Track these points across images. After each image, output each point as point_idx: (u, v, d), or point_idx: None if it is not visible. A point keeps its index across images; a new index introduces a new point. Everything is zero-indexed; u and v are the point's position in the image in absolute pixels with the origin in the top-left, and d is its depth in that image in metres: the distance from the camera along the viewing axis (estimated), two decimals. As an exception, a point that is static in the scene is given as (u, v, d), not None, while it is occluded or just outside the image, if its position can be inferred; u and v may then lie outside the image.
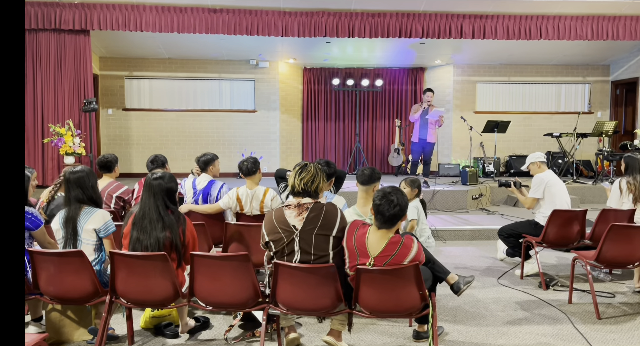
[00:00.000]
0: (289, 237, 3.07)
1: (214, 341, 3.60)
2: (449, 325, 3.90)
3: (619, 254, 4.12)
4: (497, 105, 11.18)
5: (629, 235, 4.07)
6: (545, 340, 3.64)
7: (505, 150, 10.81)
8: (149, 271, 3.11)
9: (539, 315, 4.11)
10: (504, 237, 5.28)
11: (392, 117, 11.41)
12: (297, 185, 3.13)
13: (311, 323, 3.89)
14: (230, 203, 4.65)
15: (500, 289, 4.76)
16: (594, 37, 8.60)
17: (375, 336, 3.70)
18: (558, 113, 11.14)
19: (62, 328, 3.51)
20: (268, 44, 9.49)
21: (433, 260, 3.48)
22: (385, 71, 11.34)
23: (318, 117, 11.32)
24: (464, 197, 8.17)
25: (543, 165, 5.19)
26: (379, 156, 11.49)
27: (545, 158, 5.29)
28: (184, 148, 10.51)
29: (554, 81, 11.13)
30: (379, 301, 3.01)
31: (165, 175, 3.40)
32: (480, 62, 10.87)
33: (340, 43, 9.50)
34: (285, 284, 3.05)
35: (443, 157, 11.12)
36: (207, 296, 3.18)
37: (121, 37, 8.98)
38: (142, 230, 3.24)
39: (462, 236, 6.77)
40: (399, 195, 3.00)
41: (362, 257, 2.99)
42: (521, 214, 7.37)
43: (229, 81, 10.80)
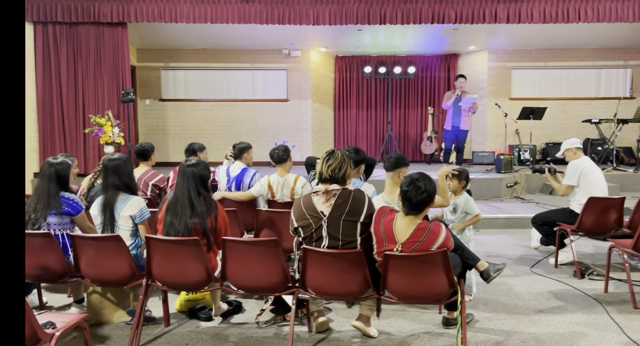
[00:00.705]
0: (317, 223, 3.12)
1: (245, 324, 3.69)
2: (479, 313, 3.88)
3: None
4: (533, 91, 10.91)
5: (668, 223, 3.96)
6: (579, 329, 3.59)
7: (542, 137, 10.56)
8: (183, 255, 3.22)
9: (573, 304, 4.05)
10: (537, 225, 5.20)
11: (424, 105, 11.28)
12: (324, 172, 3.17)
13: (340, 309, 3.94)
14: (262, 190, 4.74)
15: (534, 278, 4.70)
16: (636, 19, 8.26)
17: (404, 322, 3.72)
18: (597, 99, 10.79)
19: (102, 310, 3.67)
20: (300, 33, 9.51)
21: (463, 247, 3.46)
22: (418, 58, 11.21)
23: (350, 106, 11.31)
24: (499, 185, 8.04)
25: (579, 152, 5.06)
26: (411, 144, 11.40)
27: (581, 144, 5.15)
28: (219, 137, 10.69)
29: (594, 65, 10.76)
30: (407, 287, 3.03)
31: (200, 163, 3.49)
32: (516, 47, 10.60)
33: (372, 30, 9.43)
34: (314, 269, 3.11)
35: (477, 145, 10.95)
36: (238, 280, 3.27)
37: (157, 28, 9.16)
38: (174, 215, 3.34)
39: (495, 224, 6.69)
40: (426, 181, 3.00)
41: (389, 242, 3.02)
42: (557, 202, 7.21)
43: (262, 71, 10.89)
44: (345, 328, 3.61)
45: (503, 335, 3.51)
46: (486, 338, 3.45)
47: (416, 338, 3.47)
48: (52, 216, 3.52)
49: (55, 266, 3.41)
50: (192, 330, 3.60)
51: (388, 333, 3.54)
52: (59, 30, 8.31)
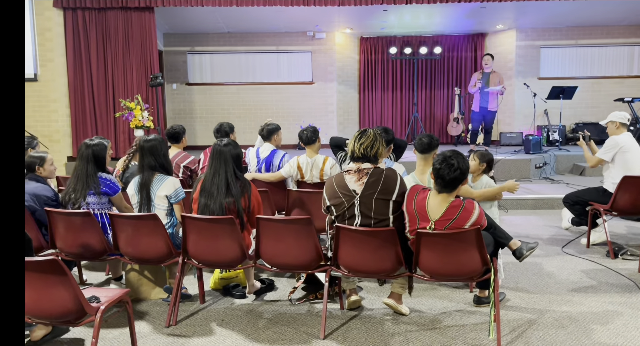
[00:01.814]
0: (350, 201, 3.15)
1: (278, 302, 3.77)
2: (511, 292, 3.89)
3: (694, 222, 3.94)
4: (562, 70, 10.66)
5: None
6: (613, 308, 3.57)
7: (572, 117, 10.35)
8: (218, 234, 3.29)
9: (606, 284, 4.02)
10: (569, 205, 5.13)
11: (451, 86, 11.14)
12: (356, 150, 3.19)
13: (371, 287, 3.99)
14: (292, 171, 4.78)
15: (565, 257, 4.67)
16: (673, -7, 7.99)
17: (435, 300, 3.75)
18: (630, 77, 10.50)
19: (140, 287, 3.78)
20: (324, 14, 9.45)
21: (495, 225, 3.45)
22: (444, 38, 11.04)
23: (375, 87, 11.24)
24: (527, 166, 7.94)
25: (623, 127, 4.84)
26: (437, 126, 11.30)
27: (629, 120, 4.87)
28: (245, 120, 10.76)
29: (627, 43, 10.46)
30: (439, 264, 3.05)
31: (233, 142, 3.54)
32: (545, 25, 10.35)
33: (398, 10, 9.30)
34: (346, 247, 3.15)
35: (505, 126, 10.79)
36: (272, 258, 3.34)
37: (183, 12, 9.21)
38: (209, 196, 3.41)
39: (524, 205, 6.63)
40: (459, 158, 2.99)
41: (422, 221, 3.03)
42: (587, 183, 7.08)
43: (287, 53, 10.88)
44: (376, 305, 3.66)
45: (535, 313, 3.51)
46: (518, 316, 3.46)
47: (447, 315, 3.50)
48: (90, 196, 3.63)
49: (95, 245, 3.52)
50: (227, 307, 3.69)
51: (419, 311, 3.57)
52: (88, 16, 8.43)
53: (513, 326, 3.31)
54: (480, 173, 4.08)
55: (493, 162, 4.14)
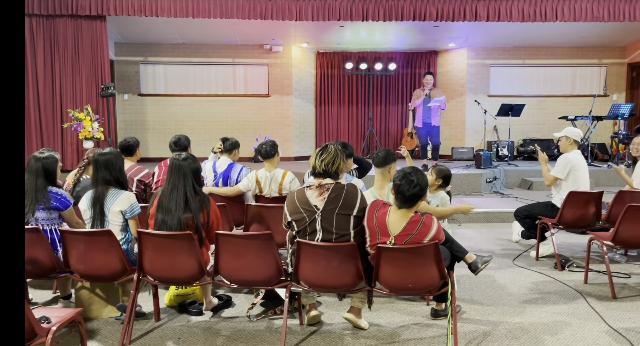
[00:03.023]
0: (311, 216, 3.15)
1: (236, 318, 3.71)
2: (466, 304, 3.97)
3: (635, 235, 4.15)
4: (511, 88, 11.12)
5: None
6: (561, 318, 3.70)
7: (519, 133, 10.77)
8: (175, 250, 3.21)
9: (554, 295, 4.18)
10: (520, 218, 5.32)
11: (405, 101, 11.39)
12: (318, 166, 3.21)
13: (331, 302, 3.99)
14: (250, 185, 4.75)
15: (516, 270, 4.82)
16: (610, 18, 8.50)
17: (393, 314, 3.79)
18: (573, 96, 11.06)
19: (91, 305, 3.64)
20: (281, 28, 9.50)
21: (451, 239, 3.54)
22: (399, 55, 11.30)
23: (331, 102, 11.35)
24: (478, 180, 8.19)
25: (574, 144, 5.04)
26: (392, 140, 11.51)
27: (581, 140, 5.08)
28: (199, 133, 10.61)
29: (569, 64, 11.02)
30: (399, 279, 3.09)
31: (192, 157, 3.48)
32: (495, 44, 10.78)
33: (354, 27, 9.48)
34: (307, 262, 3.14)
35: (456, 141, 11.11)
36: (231, 275, 3.28)
37: (136, 22, 9.04)
38: (167, 212, 3.33)
39: (476, 219, 6.82)
40: (419, 175, 3.05)
41: (382, 235, 3.07)
42: (535, 197, 7.38)
43: (243, 66, 10.84)
44: (336, 320, 3.66)
45: (490, 325, 3.60)
46: (474, 328, 3.54)
47: (406, 329, 3.54)
48: (40, 211, 3.47)
49: (44, 262, 3.36)
50: (183, 324, 3.60)
51: (378, 325, 3.59)
52: (36, 23, 8.14)
53: (469, 338, 3.38)
54: (436, 188, 4.18)
55: (450, 178, 4.25)
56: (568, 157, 5.00)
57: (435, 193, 4.21)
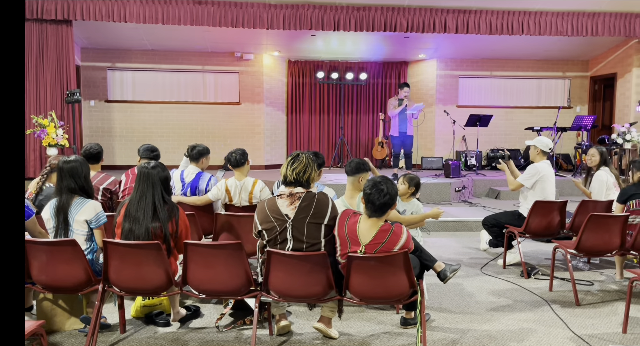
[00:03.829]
0: (282, 225, 3.13)
1: (205, 329, 3.64)
2: (435, 312, 4.00)
3: (597, 243, 4.27)
4: (479, 99, 11.35)
5: (607, 225, 4.22)
6: (527, 326, 3.77)
7: (487, 143, 10.99)
8: (143, 260, 3.14)
9: (521, 302, 4.25)
10: (488, 227, 5.41)
11: (376, 111, 11.50)
12: (289, 175, 3.19)
13: (301, 312, 3.96)
14: (219, 194, 4.69)
15: (484, 278, 4.89)
16: (574, 33, 8.79)
17: (363, 323, 3.78)
18: (538, 108, 11.36)
19: (54, 317, 3.52)
20: (253, 36, 9.50)
21: (421, 248, 3.57)
22: (370, 64, 11.42)
23: (302, 110, 11.37)
24: (447, 190, 8.31)
25: (544, 155, 5.13)
26: (362, 149, 11.59)
27: (550, 150, 5.18)
28: (168, 140, 10.47)
29: (535, 76, 11.34)
30: (369, 287, 3.09)
31: (159, 164, 3.42)
32: (463, 56, 11.01)
33: (325, 36, 9.54)
34: (277, 272, 3.12)
35: (426, 151, 11.26)
36: (200, 285, 3.23)
37: (104, 27, 8.89)
38: (134, 221, 3.26)
39: (445, 227, 6.90)
40: (389, 184, 3.07)
41: (353, 244, 3.07)
42: (502, 206, 7.53)
43: (213, 73, 10.78)
44: (306, 330, 3.64)
45: (458, 333, 3.64)
46: (443, 337, 3.56)
47: (376, 338, 3.54)
48: (0, 220, 3.35)
49: (3, 273, 3.24)
50: (150, 335, 3.52)
51: (348, 334, 3.58)
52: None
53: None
54: (409, 196, 4.22)
55: (420, 185, 4.30)
56: (537, 167, 5.09)
57: (408, 201, 4.25)
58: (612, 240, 4.27)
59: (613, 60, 10.57)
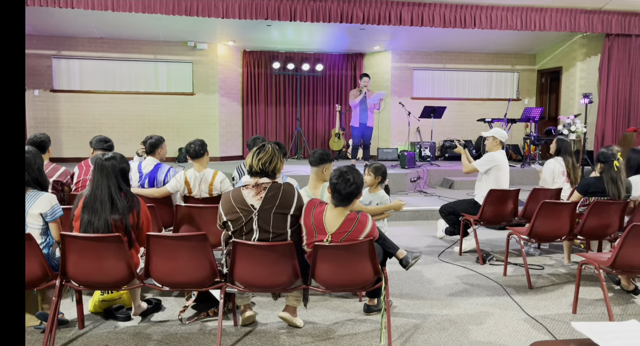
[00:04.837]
0: (247, 216, 3.11)
1: (167, 322, 3.58)
2: (396, 299, 4.09)
3: (548, 229, 4.46)
4: (433, 91, 11.59)
5: (557, 211, 4.42)
6: (484, 309, 3.91)
7: (441, 135, 11.24)
8: (103, 253, 3.05)
9: (477, 287, 4.40)
10: (444, 215, 5.55)
11: (332, 102, 11.54)
12: (255, 165, 3.17)
13: (265, 302, 3.96)
14: (178, 186, 4.60)
15: (442, 265, 5.03)
16: (523, 27, 9.09)
17: (327, 311, 3.82)
18: (489, 100, 11.71)
19: (6, 315, 3.37)
20: (207, 25, 9.31)
21: (384, 237, 3.62)
22: (326, 56, 11.43)
23: (258, 101, 11.27)
24: (403, 180, 8.45)
25: (500, 146, 5.34)
26: (319, 140, 11.62)
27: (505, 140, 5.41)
28: (119, 132, 10.15)
29: (486, 69, 11.67)
30: (335, 275, 3.12)
31: (117, 155, 3.32)
32: (417, 49, 11.19)
33: (281, 26, 9.47)
34: (243, 262, 3.10)
35: (382, 142, 11.41)
36: (163, 277, 3.17)
37: (49, 13, 8.49)
38: (92, 212, 3.16)
39: (402, 217, 7.03)
40: (355, 174, 3.10)
41: (319, 234, 3.08)
42: (456, 195, 7.72)
43: (166, 63, 10.52)
44: (271, 320, 3.64)
45: (420, 318, 3.73)
46: (405, 322, 3.65)
47: (340, 325, 3.58)
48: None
49: (-49, 270, 3.07)
50: (110, 330, 3.43)
51: (313, 323, 3.61)
52: None
53: (401, 332, 3.48)
54: (376, 186, 4.27)
55: (386, 173, 4.36)
56: (493, 155, 5.28)
57: (375, 192, 4.29)
58: (562, 226, 4.47)
59: (559, 54, 11.02)
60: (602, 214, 4.35)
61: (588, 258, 3.82)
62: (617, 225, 4.44)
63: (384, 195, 4.29)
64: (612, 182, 4.29)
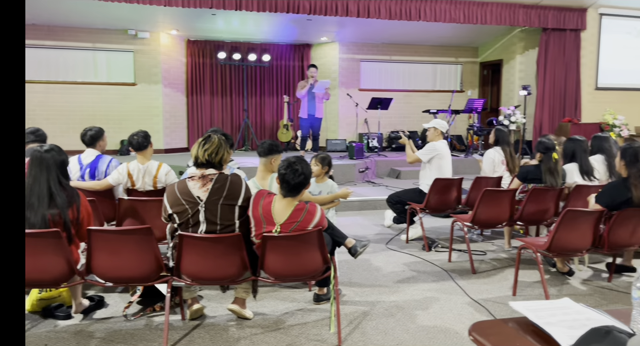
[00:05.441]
0: (194, 208, 3.05)
1: (112, 319, 3.47)
2: (345, 287, 4.13)
3: (490, 216, 4.63)
4: (380, 83, 11.72)
5: (498, 199, 4.59)
6: (430, 294, 4.01)
7: (388, 126, 11.41)
8: (40, 249, 2.91)
9: (424, 273, 4.51)
10: (391, 204, 5.64)
11: (280, 93, 11.48)
12: (200, 157, 3.10)
13: (213, 295, 3.90)
14: (121, 178, 4.45)
15: (389, 253, 5.12)
16: (465, 20, 9.33)
17: (277, 302, 3.81)
18: (434, 92, 11.98)
19: None
20: (148, 13, 9.02)
21: (332, 226, 3.64)
22: (273, 46, 11.33)
23: (204, 92, 11.05)
24: (352, 171, 8.54)
25: (441, 136, 5.48)
26: (267, 132, 11.54)
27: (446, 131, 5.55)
28: (55, 123, 9.69)
29: (430, 61, 11.91)
30: (284, 266, 3.11)
31: (55, 147, 3.17)
32: (364, 40, 11.28)
33: (226, 15, 9.30)
34: (190, 255, 3.03)
35: (330, 133, 11.46)
36: (106, 273, 3.06)
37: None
38: (29, 208, 3.00)
39: (351, 207, 7.10)
40: (303, 164, 3.10)
41: (268, 224, 3.06)
42: (403, 185, 7.88)
43: (105, 52, 10.12)
44: (219, 312, 3.59)
45: (368, 305, 3.79)
46: (354, 310, 3.69)
47: (290, 315, 3.58)
48: None
49: None
50: (50, 329, 3.28)
51: (263, 314, 3.60)
52: None
53: (350, 319, 3.53)
54: (323, 176, 4.28)
55: (332, 162, 4.39)
56: (435, 145, 5.41)
57: (323, 182, 4.31)
58: (503, 213, 4.65)
59: (499, 47, 11.40)
60: (539, 201, 4.55)
61: (526, 242, 3.99)
62: (553, 210, 4.66)
63: (333, 184, 4.33)
64: (550, 172, 4.51)
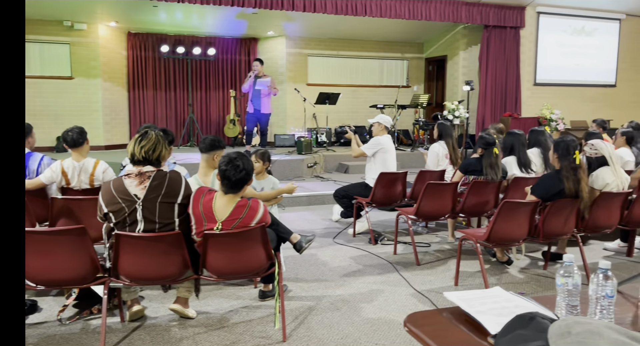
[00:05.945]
0: (131, 206, 2.94)
1: (45, 323, 3.31)
2: (292, 283, 4.11)
3: (433, 208, 4.72)
4: (327, 77, 11.74)
5: (441, 191, 4.69)
6: (376, 287, 4.05)
7: (336, 121, 11.45)
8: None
9: (370, 266, 4.55)
10: (338, 198, 5.67)
11: (226, 88, 11.30)
12: (137, 153, 2.99)
13: (154, 295, 3.80)
14: (54, 177, 4.24)
15: (336, 247, 5.14)
16: (410, 16, 9.47)
17: (221, 300, 3.75)
18: (381, 87, 12.11)
19: None
20: (84, 3, 8.65)
21: (277, 222, 3.61)
22: (218, 40, 11.13)
23: (146, 86, 10.72)
24: (300, 166, 8.52)
25: (385, 131, 5.56)
26: (214, 127, 11.34)
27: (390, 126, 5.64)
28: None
29: (377, 56, 12.04)
30: (227, 263, 3.05)
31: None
32: (311, 35, 11.26)
33: (169, 7, 9.05)
34: (128, 255, 2.93)
35: (278, 128, 11.39)
36: (38, 275, 2.90)
37: None
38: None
39: (299, 202, 7.09)
40: (244, 160, 3.04)
41: (209, 222, 2.99)
42: (351, 180, 7.92)
43: (39, 43, 9.63)
44: (161, 313, 3.50)
45: (314, 300, 3.78)
46: (300, 305, 3.68)
47: (235, 313, 3.53)
48: None
49: None
50: (-23, 339, 3.09)
51: (207, 312, 3.53)
52: None
53: (295, 315, 3.51)
54: (264, 172, 4.24)
55: (271, 157, 4.36)
56: (379, 139, 5.49)
57: (264, 178, 4.26)
58: (445, 205, 4.75)
59: (444, 43, 11.65)
60: (480, 193, 4.68)
61: (467, 233, 4.09)
62: (493, 202, 4.80)
63: (275, 180, 4.30)
64: (490, 167, 4.65)
